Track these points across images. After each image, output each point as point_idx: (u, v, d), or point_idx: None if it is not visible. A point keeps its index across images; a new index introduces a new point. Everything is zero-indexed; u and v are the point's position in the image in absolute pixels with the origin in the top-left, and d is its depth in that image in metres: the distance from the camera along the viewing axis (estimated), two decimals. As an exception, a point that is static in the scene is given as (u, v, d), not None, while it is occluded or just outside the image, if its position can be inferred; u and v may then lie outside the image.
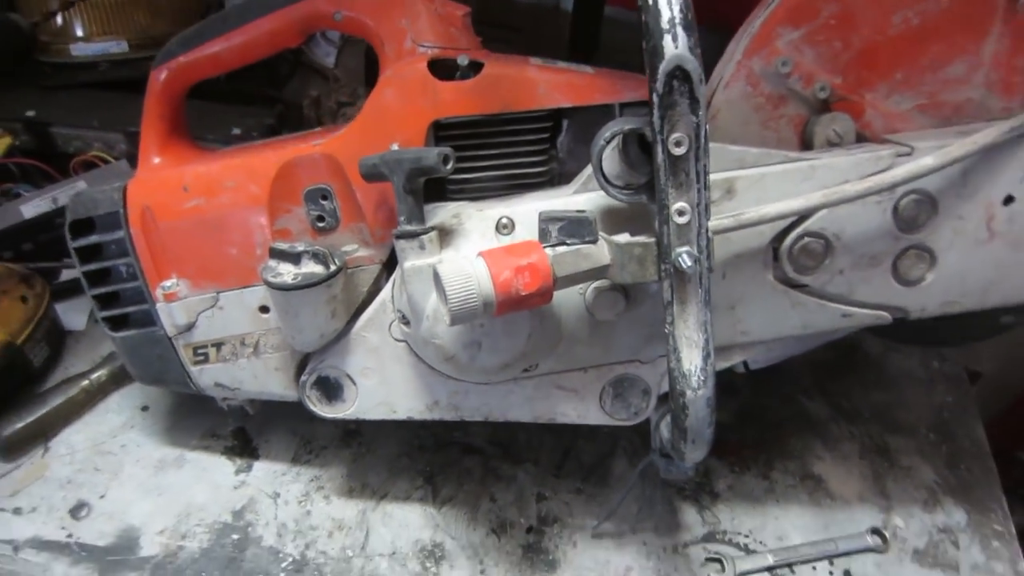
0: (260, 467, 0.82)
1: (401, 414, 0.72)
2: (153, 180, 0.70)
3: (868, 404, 0.93)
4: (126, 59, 1.12)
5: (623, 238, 0.60)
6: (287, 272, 0.65)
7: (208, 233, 0.69)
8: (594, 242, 0.59)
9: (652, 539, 0.77)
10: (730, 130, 0.69)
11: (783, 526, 0.80)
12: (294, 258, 0.66)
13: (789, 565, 0.76)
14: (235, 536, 0.75)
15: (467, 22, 0.69)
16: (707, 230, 0.56)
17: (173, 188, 0.69)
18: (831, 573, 0.76)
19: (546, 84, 0.65)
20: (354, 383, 0.71)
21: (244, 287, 0.70)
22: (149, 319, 0.72)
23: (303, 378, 0.71)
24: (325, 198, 0.68)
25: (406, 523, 0.77)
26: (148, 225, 0.69)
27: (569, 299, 0.64)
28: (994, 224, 0.65)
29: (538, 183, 0.70)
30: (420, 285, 0.62)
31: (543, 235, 0.59)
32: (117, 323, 0.73)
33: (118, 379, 0.89)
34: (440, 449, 0.84)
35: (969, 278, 0.66)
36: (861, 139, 0.69)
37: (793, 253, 0.65)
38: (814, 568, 0.77)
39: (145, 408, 0.87)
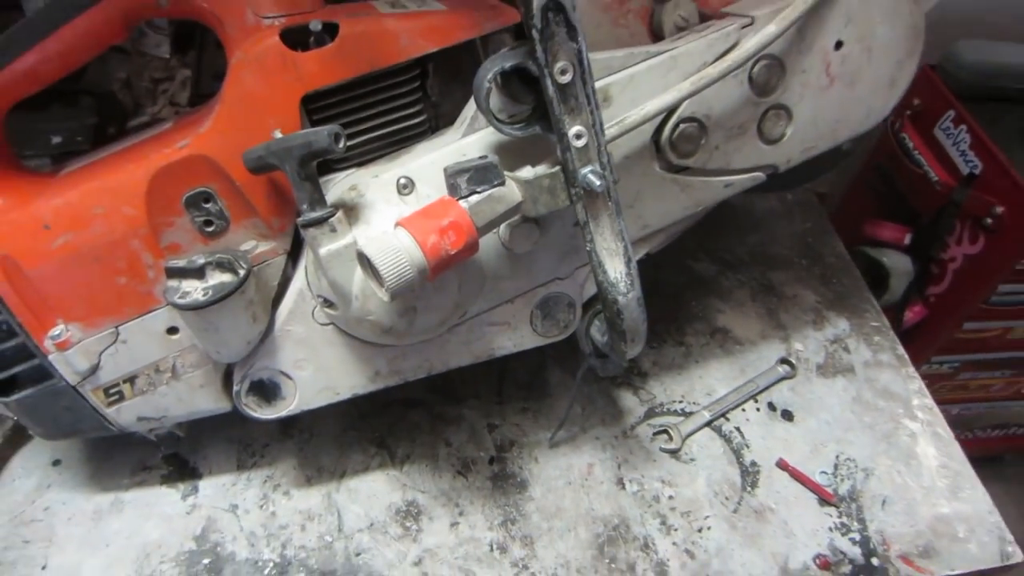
0: (207, 485, 0.79)
1: (345, 394, 0.72)
2: (2, 226, 0.63)
3: (746, 249, 1.02)
4: None
5: (527, 172, 0.62)
6: (194, 289, 0.62)
7: (88, 269, 0.63)
8: (502, 184, 0.60)
9: (602, 432, 0.83)
10: (586, 36, 0.71)
11: (708, 383, 0.88)
12: (197, 272, 0.62)
13: (723, 415, 0.85)
14: (206, 560, 0.73)
15: (303, -21, 0.65)
16: (605, 146, 0.59)
17: (31, 230, 0.62)
18: (758, 409, 0.86)
19: (407, 33, 0.63)
20: (290, 378, 0.70)
21: (144, 314, 0.66)
22: (44, 374, 0.66)
23: (235, 388, 0.69)
24: (208, 201, 0.64)
25: (373, 492, 0.78)
26: (14, 276, 0.62)
27: (487, 242, 0.65)
28: (831, 69, 0.71)
29: (420, 133, 0.69)
30: (341, 269, 0.60)
31: (453, 189, 0.59)
32: (6, 387, 0.67)
33: (14, 441, 0.82)
34: (382, 412, 0.84)
35: (820, 123, 0.73)
36: (704, 17, 0.72)
37: (673, 141, 0.69)
38: (743, 410, 0.86)
39: (57, 463, 0.81)
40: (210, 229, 0.65)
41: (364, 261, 0.56)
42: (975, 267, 1.31)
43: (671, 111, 0.67)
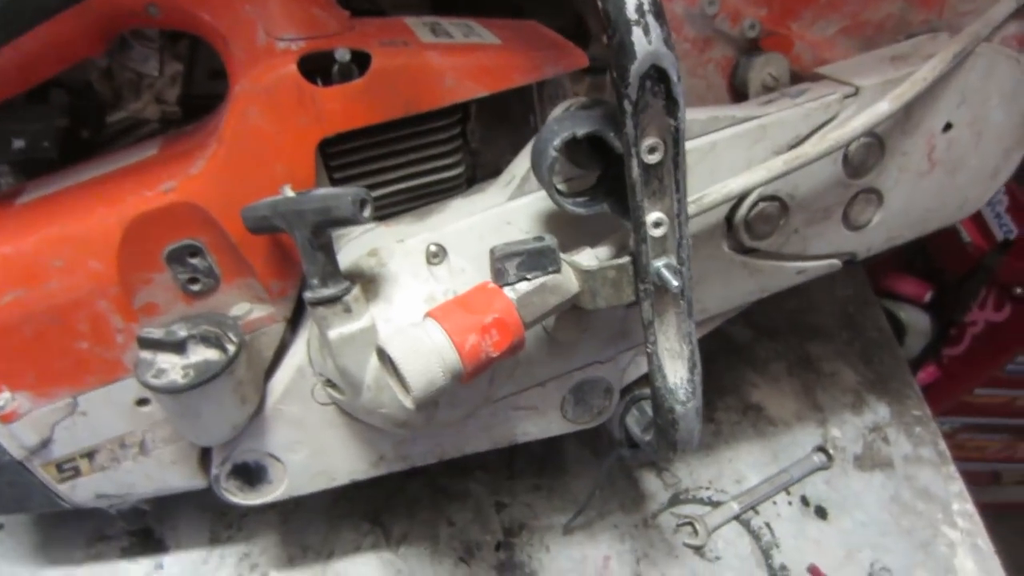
0: (173, 561, 0.68)
1: (342, 479, 0.62)
2: (-63, 273, 0.51)
3: (783, 315, 0.93)
4: None
5: (588, 259, 0.51)
6: (172, 366, 0.51)
7: (42, 331, 0.51)
8: (558, 271, 0.50)
9: (622, 519, 0.74)
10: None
11: (738, 468, 0.80)
12: (176, 347, 0.51)
13: (753, 507, 0.77)
14: (166, 651, 0.63)
15: (331, -4, 0.53)
16: (687, 239, 0.49)
17: (-27, 281, 0.50)
18: (790, 503, 0.78)
19: (454, 73, 0.52)
20: (280, 461, 0.59)
21: (110, 384, 0.55)
22: (-16, 445, 0.55)
23: (214, 471, 0.58)
24: (195, 255, 0.53)
25: (364, 578, 0.69)
26: (-51, 336, 0.51)
27: (528, 327, 0.55)
28: (935, 154, 0.62)
29: (455, 187, 0.58)
30: (354, 355, 0.50)
31: (499, 274, 0.49)
32: (-63, 458, 0.55)
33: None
34: (380, 482, 0.74)
35: (912, 211, 0.64)
36: (793, 76, 0.63)
37: (749, 221, 0.59)
38: (774, 503, 0.78)
39: (-1, 528, 0.70)
40: (195, 288, 0.54)
41: (385, 359, 0.46)
42: (996, 335, 1.25)
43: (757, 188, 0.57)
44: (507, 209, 0.55)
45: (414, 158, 0.55)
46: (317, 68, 0.51)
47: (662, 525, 0.75)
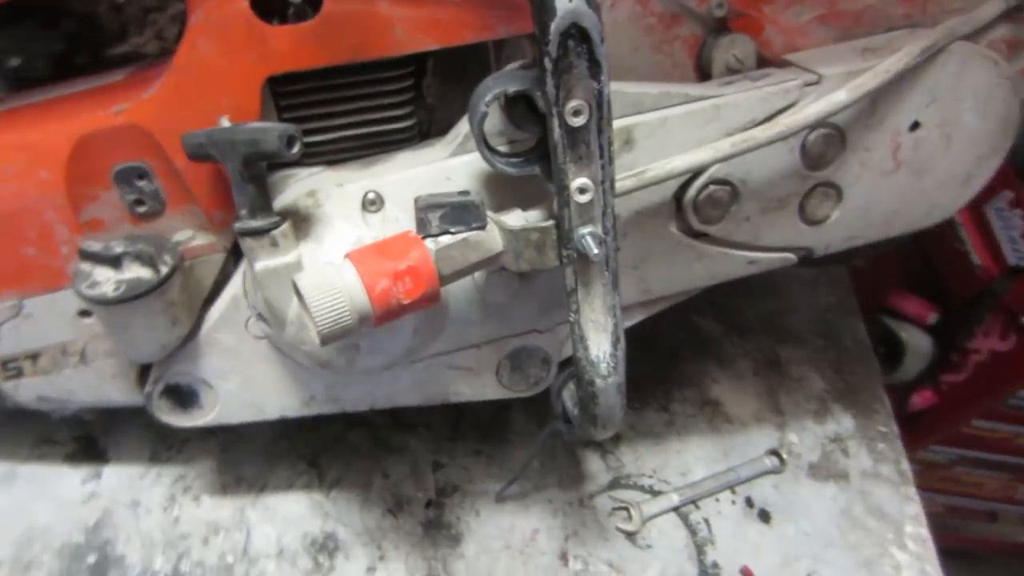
0: (112, 473, 0.71)
1: (272, 414, 0.63)
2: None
3: (758, 315, 0.92)
4: None
5: (516, 220, 0.52)
6: (106, 280, 0.53)
7: (-10, 232, 0.54)
8: (482, 228, 0.50)
9: (557, 495, 0.74)
10: (619, 57, 0.60)
11: (685, 460, 0.79)
12: (112, 261, 0.53)
13: (694, 501, 0.76)
14: (92, 558, 0.66)
15: (291, -65, 0.54)
16: (612, 208, 0.49)
17: (-72, 178, 0.53)
18: (734, 502, 0.77)
19: (404, 23, 0.52)
20: (212, 387, 0.61)
21: (54, 291, 0.57)
22: (-71, 338, 0.58)
23: (148, 388, 0.60)
24: (142, 178, 0.55)
25: (291, 515, 0.70)
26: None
27: (457, 284, 0.55)
28: (900, 153, 0.60)
29: (406, 139, 0.58)
30: (278, 289, 0.51)
31: (422, 225, 0.49)
32: None
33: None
34: (322, 425, 0.76)
35: (873, 211, 0.63)
36: (762, 60, 0.61)
37: (698, 204, 0.58)
38: (717, 500, 0.77)
39: (-53, 423, 0.73)
40: (141, 210, 0.56)
41: (298, 293, 0.47)
42: (1000, 365, 1.19)
43: (701, 168, 0.57)
44: (448, 165, 0.55)
45: (364, 105, 0.56)
46: (275, 9, 0.52)
47: (597, 507, 0.75)
